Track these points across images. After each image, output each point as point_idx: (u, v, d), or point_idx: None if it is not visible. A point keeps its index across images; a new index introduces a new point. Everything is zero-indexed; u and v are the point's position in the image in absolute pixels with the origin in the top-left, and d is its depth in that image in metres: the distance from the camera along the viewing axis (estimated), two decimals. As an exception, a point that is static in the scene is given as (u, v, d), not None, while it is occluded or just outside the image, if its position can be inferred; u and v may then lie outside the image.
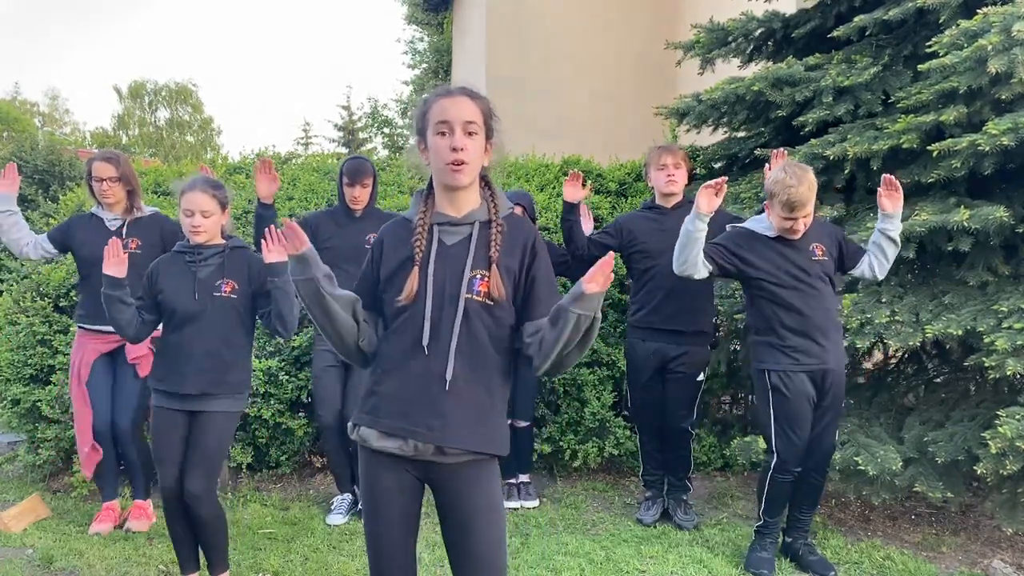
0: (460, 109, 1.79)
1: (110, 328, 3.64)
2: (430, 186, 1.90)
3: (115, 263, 2.80)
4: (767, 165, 3.56)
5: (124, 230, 3.70)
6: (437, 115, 1.80)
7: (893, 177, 3.17)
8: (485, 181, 1.90)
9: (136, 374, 3.69)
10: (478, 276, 1.81)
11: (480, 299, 1.80)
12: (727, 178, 3.18)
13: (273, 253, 2.80)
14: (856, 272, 3.31)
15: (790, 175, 3.05)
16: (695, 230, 3.11)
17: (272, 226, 2.83)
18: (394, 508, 1.85)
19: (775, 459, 3.21)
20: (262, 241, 2.81)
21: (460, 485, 1.82)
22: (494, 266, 1.80)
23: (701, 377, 3.82)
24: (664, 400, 3.81)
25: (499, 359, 1.84)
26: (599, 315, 1.73)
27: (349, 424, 1.91)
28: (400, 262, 1.85)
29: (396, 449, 1.81)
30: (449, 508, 1.84)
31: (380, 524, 1.85)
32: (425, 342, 1.79)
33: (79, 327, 3.76)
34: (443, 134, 1.78)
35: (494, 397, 1.83)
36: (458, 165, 1.78)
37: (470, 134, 1.79)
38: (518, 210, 3.83)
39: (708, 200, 3.11)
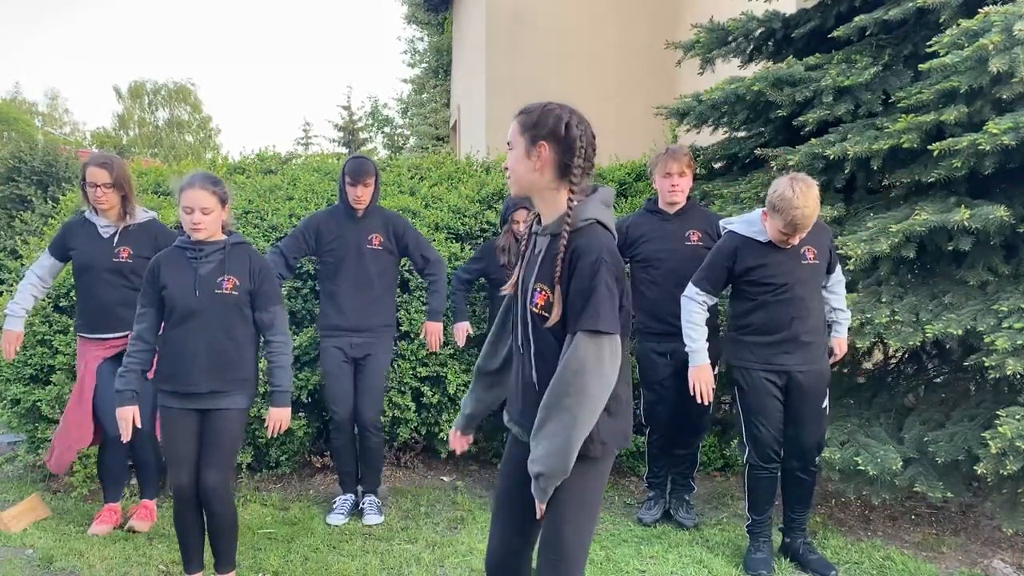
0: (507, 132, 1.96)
1: (110, 334, 3.63)
2: None
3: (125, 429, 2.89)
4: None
5: (116, 239, 3.65)
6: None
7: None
8: (571, 189, 1.88)
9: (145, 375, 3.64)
10: (538, 289, 1.88)
11: (537, 311, 1.88)
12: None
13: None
14: (828, 276, 3.36)
15: (797, 194, 2.98)
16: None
17: None
18: (512, 475, 2.05)
19: (747, 453, 3.31)
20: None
21: None
22: (557, 287, 1.82)
23: (717, 370, 3.81)
24: (682, 399, 3.79)
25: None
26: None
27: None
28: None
29: (518, 433, 2.02)
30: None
31: (501, 484, 2.10)
32: (518, 342, 1.97)
33: (78, 335, 3.74)
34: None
35: None
36: (506, 172, 1.96)
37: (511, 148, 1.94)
38: (523, 213, 3.87)
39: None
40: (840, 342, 3.43)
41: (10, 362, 4.26)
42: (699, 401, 3.32)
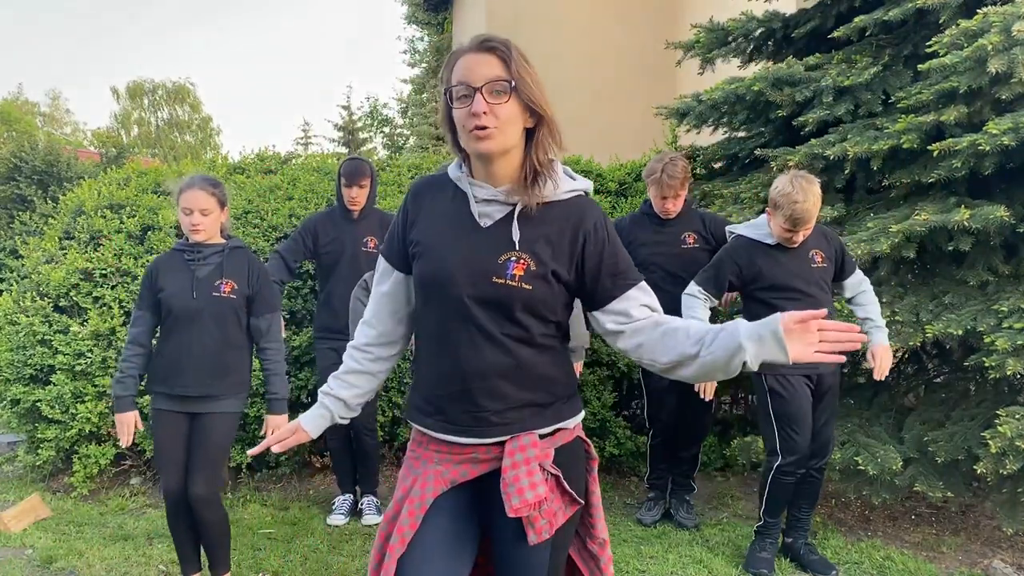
0: None
1: None
2: None
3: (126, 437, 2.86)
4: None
5: None
6: None
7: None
8: None
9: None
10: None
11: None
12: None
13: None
14: (843, 284, 3.29)
15: (797, 189, 3.01)
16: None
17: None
18: None
19: (779, 460, 3.20)
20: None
21: None
22: None
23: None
24: (682, 403, 3.77)
25: None
26: None
27: None
28: None
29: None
30: None
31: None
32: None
33: None
34: None
35: None
36: None
37: None
38: None
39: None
40: (879, 351, 3.14)
41: (10, 362, 4.26)
42: (701, 396, 3.29)
